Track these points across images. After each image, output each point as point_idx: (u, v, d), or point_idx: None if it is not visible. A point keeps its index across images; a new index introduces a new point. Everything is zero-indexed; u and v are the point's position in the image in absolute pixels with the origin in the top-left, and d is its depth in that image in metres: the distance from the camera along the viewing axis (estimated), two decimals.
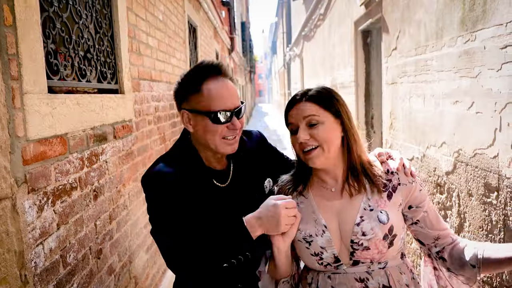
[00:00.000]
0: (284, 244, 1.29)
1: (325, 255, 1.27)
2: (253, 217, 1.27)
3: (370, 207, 1.27)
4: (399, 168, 1.31)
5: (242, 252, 1.25)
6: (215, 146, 1.35)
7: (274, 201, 1.26)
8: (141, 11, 2.95)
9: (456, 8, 2.83)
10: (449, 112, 2.93)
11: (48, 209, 1.57)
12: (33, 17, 1.48)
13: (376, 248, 1.24)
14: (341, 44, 7.37)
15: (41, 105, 1.52)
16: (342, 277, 1.28)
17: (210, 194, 1.38)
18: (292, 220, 1.27)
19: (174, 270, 1.30)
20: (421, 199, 1.32)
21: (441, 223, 1.36)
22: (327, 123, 1.26)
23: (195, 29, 5.81)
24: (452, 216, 2.93)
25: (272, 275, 1.38)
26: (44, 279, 1.53)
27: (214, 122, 1.32)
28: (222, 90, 1.34)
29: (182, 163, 1.37)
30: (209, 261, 1.25)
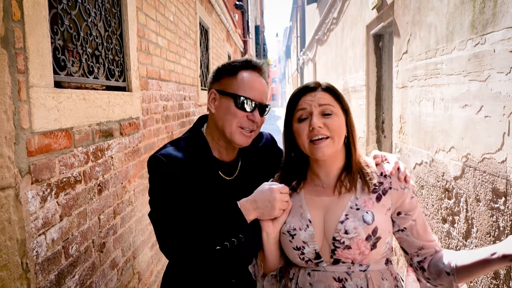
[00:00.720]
0: (273, 229, 1.29)
1: (306, 250, 1.26)
2: (247, 201, 1.28)
3: (357, 206, 1.26)
4: (393, 172, 1.30)
5: (235, 234, 1.26)
6: (230, 132, 1.37)
7: (268, 185, 1.29)
8: (151, 11, 3.00)
9: (466, 11, 2.81)
10: (458, 116, 2.90)
11: (51, 200, 1.61)
12: (41, 13, 1.52)
13: (358, 248, 1.22)
14: (353, 48, 7.35)
15: (47, 98, 1.56)
16: (321, 274, 1.26)
17: (213, 184, 1.39)
18: (285, 205, 1.28)
19: (167, 252, 1.30)
20: (411, 207, 1.30)
21: (428, 234, 1.33)
22: (339, 116, 1.27)
23: (207, 31, 5.86)
24: (460, 222, 2.90)
25: (263, 266, 1.37)
26: (46, 268, 1.56)
27: (237, 106, 1.36)
28: (255, 82, 1.40)
29: (191, 150, 1.39)
30: (202, 242, 1.26)
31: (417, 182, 3.86)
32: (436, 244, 1.35)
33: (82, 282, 1.86)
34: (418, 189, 3.82)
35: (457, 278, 1.22)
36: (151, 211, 1.34)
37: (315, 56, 13.97)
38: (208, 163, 1.40)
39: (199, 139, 1.43)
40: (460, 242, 2.90)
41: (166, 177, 1.31)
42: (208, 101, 1.42)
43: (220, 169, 1.43)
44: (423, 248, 1.32)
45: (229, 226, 1.27)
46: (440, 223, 3.26)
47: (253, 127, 1.40)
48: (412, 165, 4.00)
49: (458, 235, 2.94)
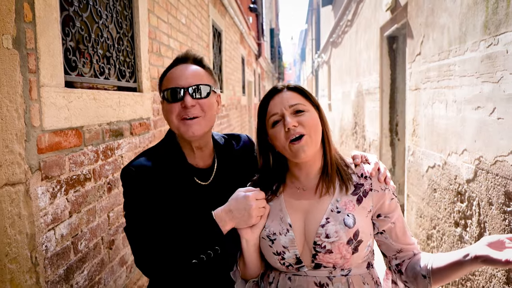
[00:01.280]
0: (252, 236, 1.25)
1: (287, 255, 1.23)
2: (223, 210, 1.23)
3: (338, 209, 1.23)
4: (373, 173, 1.27)
5: (211, 246, 1.22)
6: (175, 127, 1.32)
7: (243, 193, 1.23)
8: (163, 14, 3.05)
9: (479, 11, 2.78)
10: (470, 118, 2.86)
11: (61, 196, 1.65)
12: (53, 15, 1.57)
13: (339, 252, 1.19)
14: (367, 50, 7.30)
15: (57, 98, 1.60)
16: (302, 279, 1.23)
17: (189, 191, 1.35)
18: (262, 211, 1.24)
19: (142, 268, 1.26)
20: (391, 209, 1.27)
21: (407, 237, 1.30)
22: (312, 112, 1.25)
23: (220, 33, 5.91)
24: (472, 226, 2.85)
25: (242, 274, 1.34)
26: (55, 263, 1.61)
27: (167, 101, 1.31)
28: (177, 71, 1.33)
29: (163, 158, 1.35)
30: (177, 256, 1.22)
31: (429, 185, 3.81)
32: (415, 247, 1.32)
33: (90, 277, 1.90)
34: (430, 192, 3.77)
35: (432, 280, 1.20)
36: (126, 226, 1.30)
37: (330, 59, 13.92)
38: (182, 169, 1.36)
39: (172, 146, 1.39)
40: None
41: (137, 188, 1.27)
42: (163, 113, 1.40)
43: (195, 175, 1.38)
44: (401, 251, 1.30)
45: (205, 238, 1.22)
46: (453, 227, 3.22)
47: (193, 113, 1.30)
48: (425, 168, 3.95)
49: (470, 239, 2.89)
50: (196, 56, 1.38)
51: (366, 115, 7.47)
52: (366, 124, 7.47)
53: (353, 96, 8.93)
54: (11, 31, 1.34)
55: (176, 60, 1.37)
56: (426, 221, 3.95)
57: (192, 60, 1.36)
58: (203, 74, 1.36)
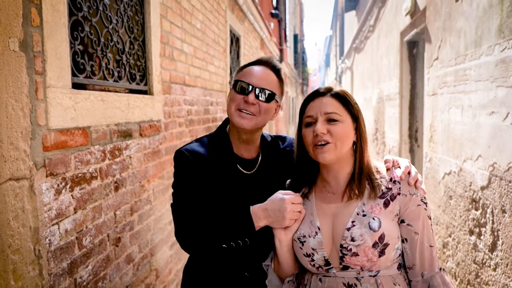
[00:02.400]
0: (285, 237, 1.32)
1: (316, 257, 1.27)
2: (260, 208, 1.33)
3: (364, 212, 1.25)
4: (402, 176, 1.27)
5: (241, 237, 1.34)
6: (231, 115, 1.46)
7: (281, 195, 1.31)
8: (176, 19, 3.13)
9: (494, 14, 2.73)
10: (485, 123, 2.80)
11: (66, 193, 1.73)
12: (61, 20, 1.66)
13: (365, 255, 1.21)
14: (387, 56, 7.22)
15: (63, 98, 1.68)
16: (331, 280, 1.27)
17: (233, 178, 1.48)
18: (297, 216, 1.31)
19: (180, 241, 1.41)
20: (415, 216, 1.25)
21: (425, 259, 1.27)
22: (346, 123, 1.28)
23: (238, 39, 5.98)
24: (486, 234, 2.77)
25: (277, 272, 1.40)
26: (58, 256, 1.68)
27: (234, 89, 1.46)
28: (256, 70, 1.48)
29: (213, 146, 1.50)
30: (210, 238, 1.35)
31: (445, 192, 3.73)
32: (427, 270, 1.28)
33: (95, 273, 1.97)
34: (446, 200, 3.69)
35: None
36: (172, 202, 1.46)
37: (353, 65, 13.81)
38: (228, 158, 1.50)
39: (222, 136, 1.53)
40: (486, 255, 2.77)
41: (187, 170, 1.42)
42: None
43: (240, 164, 1.51)
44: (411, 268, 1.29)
45: (237, 229, 1.34)
46: (467, 235, 3.13)
47: (250, 110, 1.44)
48: (441, 175, 3.87)
49: (484, 248, 2.81)
50: (276, 64, 1.54)
51: (386, 121, 7.37)
52: (386, 130, 7.37)
53: (374, 102, 8.82)
54: (18, 34, 1.42)
55: (259, 61, 1.53)
56: (442, 229, 3.86)
57: (271, 66, 1.52)
58: (275, 82, 1.51)
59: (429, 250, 1.27)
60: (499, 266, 2.57)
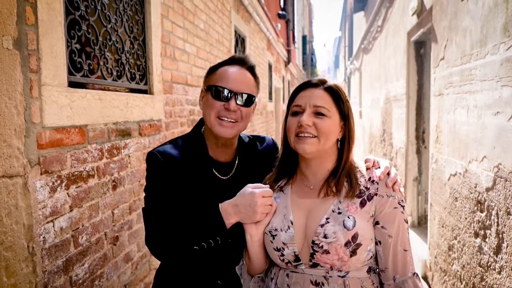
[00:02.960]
0: (256, 232, 1.28)
1: (286, 251, 1.24)
2: (229, 204, 1.28)
3: (339, 210, 1.22)
4: (381, 176, 1.25)
5: (212, 236, 1.27)
6: (210, 123, 1.37)
7: (251, 189, 1.26)
8: (178, 19, 3.13)
9: (499, 13, 2.68)
10: (490, 123, 2.75)
11: (61, 191, 1.73)
12: (57, 19, 1.66)
13: (337, 253, 1.18)
14: (395, 56, 7.16)
15: (59, 96, 1.69)
16: (299, 276, 1.24)
17: (207, 183, 1.41)
18: (268, 209, 1.26)
19: (150, 247, 1.33)
20: (390, 219, 1.22)
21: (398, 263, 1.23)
22: (333, 119, 1.25)
23: (244, 39, 5.97)
24: (491, 236, 2.72)
25: (248, 269, 1.37)
26: (53, 254, 1.68)
27: (213, 96, 1.36)
28: (231, 72, 1.38)
29: (187, 148, 1.41)
30: (180, 240, 1.28)
31: (451, 194, 3.67)
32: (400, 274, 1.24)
33: (92, 271, 1.97)
34: (452, 201, 3.63)
35: None
36: (144, 207, 1.39)
37: (361, 66, 13.73)
38: (203, 162, 1.41)
39: (197, 138, 1.45)
40: (491, 258, 2.72)
41: (159, 173, 1.34)
42: (199, 100, 1.47)
43: (216, 168, 1.44)
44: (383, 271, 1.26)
45: (207, 228, 1.27)
46: (473, 237, 3.08)
47: (232, 117, 1.37)
48: (447, 177, 3.81)
49: (489, 250, 2.76)
50: (252, 64, 1.45)
51: (394, 122, 7.30)
52: (394, 131, 7.30)
53: (381, 103, 8.75)
54: (12, 32, 1.43)
55: (233, 60, 1.43)
56: (447, 231, 3.80)
57: (248, 67, 1.42)
58: (253, 84, 1.43)
59: (402, 254, 1.23)
60: (504, 269, 2.52)
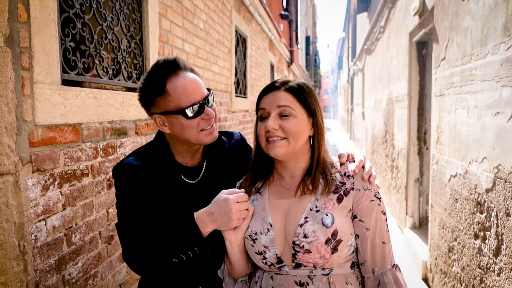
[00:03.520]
0: (236, 238, 1.26)
1: (268, 254, 1.23)
2: (204, 212, 1.25)
3: (317, 208, 1.21)
4: (356, 170, 1.24)
5: (190, 248, 1.25)
6: (197, 139, 1.34)
7: (225, 195, 1.24)
8: (177, 18, 3.13)
9: (499, 12, 2.66)
10: (490, 124, 2.73)
11: (54, 189, 1.73)
12: (50, 16, 1.66)
13: (318, 252, 1.17)
14: (397, 57, 7.13)
15: (52, 94, 1.68)
16: (283, 278, 1.23)
17: (177, 189, 1.38)
18: (244, 214, 1.24)
19: (128, 262, 1.32)
20: (367, 212, 1.21)
21: (377, 255, 1.23)
22: (300, 118, 1.23)
23: (245, 39, 5.96)
24: (491, 238, 2.69)
25: (230, 273, 1.35)
26: (45, 252, 1.67)
27: (188, 117, 1.31)
28: (187, 85, 1.32)
29: (152, 157, 1.38)
30: (158, 254, 1.26)
31: (451, 195, 3.64)
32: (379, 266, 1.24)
33: (85, 270, 1.96)
34: (452, 203, 3.60)
35: None
36: (117, 222, 1.37)
37: (364, 67, 13.70)
38: (170, 168, 1.39)
39: (161, 145, 1.41)
40: (490, 259, 2.69)
41: (126, 186, 1.32)
42: (158, 126, 1.38)
43: (184, 173, 1.41)
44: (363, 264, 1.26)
45: (184, 240, 1.25)
46: (472, 239, 3.05)
47: (211, 122, 1.36)
48: (448, 178, 3.79)
49: (488, 252, 2.73)
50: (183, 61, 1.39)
51: (395, 123, 7.26)
52: (396, 132, 7.26)
53: (384, 104, 8.71)
54: (3, 30, 1.43)
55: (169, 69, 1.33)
56: (448, 233, 3.77)
57: (185, 67, 1.37)
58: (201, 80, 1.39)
59: (381, 247, 1.23)
60: (503, 271, 2.49)
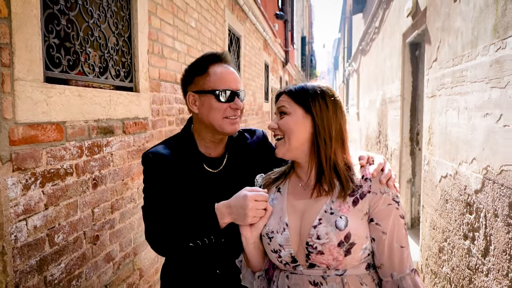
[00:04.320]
0: (251, 235, 1.29)
1: (283, 253, 1.25)
2: (224, 205, 1.33)
3: (331, 210, 1.21)
4: (374, 173, 1.22)
5: (206, 235, 1.33)
6: (219, 125, 1.45)
7: (245, 192, 1.30)
8: (167, 16, 3.10)
9: (490, 14, 2.66)
10: (479, 125, 2.73)
11: (35, 189, 1.70)
12: (32, 12, 1.63)
13: (331, 254, 1.18)
14: (390, 58, 7.14)
15: (34, 92, 1.65)
16: (298, 278, 1.25)
17: (199, 177, 1.48)
18: (261, 213, 1.27)
19: (150, 242, 1.43)
20: (384, 216, 1.20)
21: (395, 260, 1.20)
22: (294, 115, 1.26)
23: (239, 39, 5.94)
24: (479, 238, 2.70)
25: (247, 265, 1.39)
26: (25, 253, 1.64)
27: (219, 100, 1.43)
28: (227, 73, 1.47)
29: (178, 146, 1.51)
30: (176, 237, 1.36)
31: (442, 196, 3.64)
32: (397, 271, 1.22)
33: (69, 271, 1.93)
34: (443, 203, 3.60)
35: None
36: (143, 205, 1.48)
37: (359, 67, 13.72)
38: (194, 158, 1.49)
39: (187, 136, 1.54)
40: (479, 260, 2.69)
41: (153, 172, 1.43)
42: (189, 104, 1.50)
43: (206, 163, 1.51)
44: (380, 268, 1.24)
45: (202, 227, 1.33)
46: (462, 239, 3.06)
47: (237, 114, 1.48)
48: (438, 178, 3.79)
49: (477, 253, 2.73)
50: (230, 59, 1.55)
51: (389, 124, 7.28)
52: (389, 133, 7.28)
53: (378, 105, 8.73)
54: None
55: (218, 59, 1.49)
56: (438, 233, 3.77)
57: (230, 63, 1.53)
58: (240, 78, 1.54)
59: (399, 251, 1.21)
60: (491, 271, 2.49)
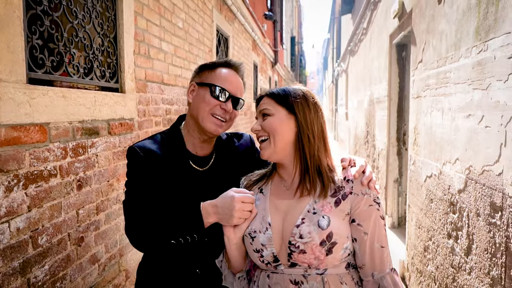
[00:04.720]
0: (234, 236, 1.31)
1: (265, 253, 1.26)
2: (210, 204, 1.33)
3: (314, 210, 1.24)
4: (356, 175, 1.26)
5: (189, 233, 1.33)
6: (202, 118, 1.45)
7: (232, 193, 1.30)
8: (154, 17, 3.09)
9: (472, 17, 2.71)
10: (462, 126, 2.78)
11: (18, 190, 1.68)
12: (14, 13, 1.62)
13: (313, 253, 1.20)
14: (378, 58, 7.21)
15: (16, 93, 1.64)
16: (279, 277, 1.26)
17: (185, 175, 1.48)
18: (247, 215, 1.29)
19: (130, 238, 1.40)
20: (366, 217, 1.24)
21: (375, 260, 1.24)
22: (277, 116, 1.28)
23: (227, 39, 5.94)
24: (462, 238, 2.75)
25: (228, 266, 1.40)
26: (8, 255, 1.63)
27: (212, 95, 1.46)
28: (230, 75, 1.51)
29: (166, 143, 1.50)
30: (158, 234, 1.34)
31: (427, 196, 3.70)
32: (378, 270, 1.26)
33: (53, 273, 1.92)
34: (428, 203, 3.65)
35: None
36: (124, 199, 1.46)
37: (348, 68, 13.81)
38: (181, 155, 1.49)
39: (175, 133, 1.54)
40: (462, 259, 2.74)
41: (138, 167, 1.42)
42: (188, 92, 1.53)
43: (193, 161, 1.52)
44: (361, 268, 1.28)
45: (186, 224, 1.33)
46: (446, 238, 3.11)
47: (225, 117, 1.48)
48: (423, 178, 3.84)
49: (460, 252, 2.78)
50: (243, 72, 1.59)
51: (376, 124, 7.35)
52: (376, 133, 7.35)
53: (366, 105, 8.81)
54: None
55: (229, 65, 1.54)
56: (423, 232, 3.83)
57: (240, 74, 1.56)
58: (243, 90, 1.57)
59: (380, 251, 1.25)
60: (474, 270, 2.54)
